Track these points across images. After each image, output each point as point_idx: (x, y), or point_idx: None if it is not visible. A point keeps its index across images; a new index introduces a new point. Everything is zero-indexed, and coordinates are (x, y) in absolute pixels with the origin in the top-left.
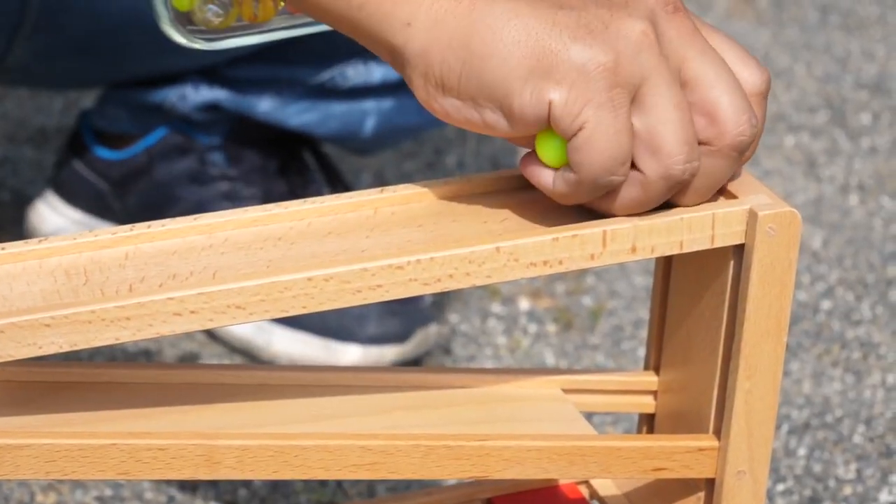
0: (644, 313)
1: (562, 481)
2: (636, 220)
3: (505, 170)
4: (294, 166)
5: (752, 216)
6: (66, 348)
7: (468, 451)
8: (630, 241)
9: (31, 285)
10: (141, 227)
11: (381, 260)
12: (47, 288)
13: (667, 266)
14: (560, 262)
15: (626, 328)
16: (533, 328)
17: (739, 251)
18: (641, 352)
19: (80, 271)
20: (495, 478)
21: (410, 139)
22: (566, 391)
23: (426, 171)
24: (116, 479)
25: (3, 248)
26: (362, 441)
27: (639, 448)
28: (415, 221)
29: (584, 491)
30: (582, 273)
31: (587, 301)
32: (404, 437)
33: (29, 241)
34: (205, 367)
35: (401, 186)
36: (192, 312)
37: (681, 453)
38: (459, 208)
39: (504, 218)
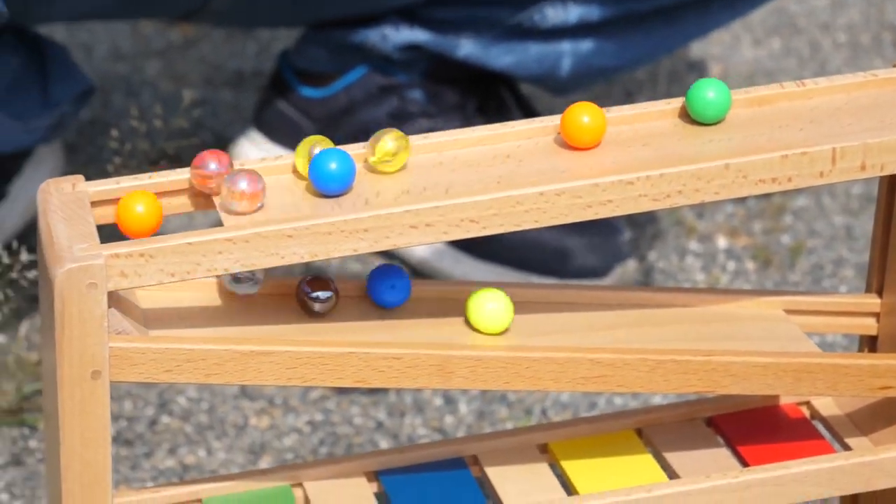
0: (844, 253)
1: (783, 401)
2: (866, 138)
3: (733, 90)
4: (493, 105)
5: None
6: (306, 258)
7: (695, 366)
8: (860, 159)
9: (271, 199)
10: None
11: (612, 175)
12: (286, 202)
13: (891, 186)
14: (789, 180)
15: (827, 266)
16: (731, 266)
17: None
18: (843, 291)
19: None
20: (720, 393)
21: (606, 80)
22: (787, 312)
23: None
24: (353, 387)
25: (242, 165)
26: (591, 354)
27: (866, 366)
28: (640, 140)
29: (805, 411)
30: (779, 212)
31: (785, 239)
32: (632, 352)
33: (265, 158)
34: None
35: (626, 107)
36: (428, 225)
37: None
38: (684, 129)
39: (729, 138)
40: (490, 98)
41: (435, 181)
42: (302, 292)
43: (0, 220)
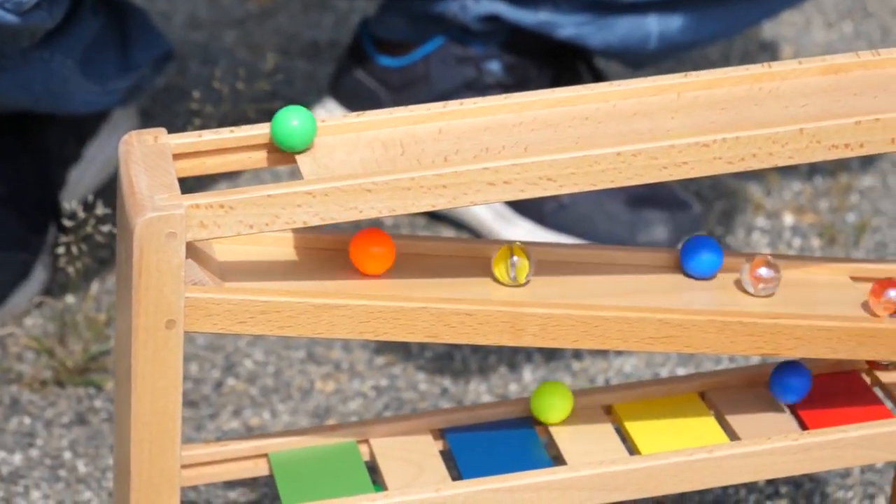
0: None
1: (844, 368)
2: None
3: (805, 58)
4: (568, 76)
5: None
6: (384, 213)
7: (761, 329)
8: None
9: (351, 155)
10: (454, 105)
11: (689, 137)
12: (366, 157)
13: None
14: (861, 146)
15: (891, 245)
16: (797, 242)
17: None
18: None
19: (396, 143)
20: (785, 356)
21: (680, 56)
22: (854, 279)
23: None
24: (424, 341)
25: (322, 121)
26: (660, 315)
27: None
28: (717, 105)
29: (867, 378)
30: (846, 191)
31: (851, 217)
32: (700, 313)
33: (347, 115)
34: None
35: (704, 72)
36: (506, 183)
37: None
38: (761, 94)
39: (804, 104)
40: (565, 70)
41: (514, 140)
42: None
43: (75, 181)
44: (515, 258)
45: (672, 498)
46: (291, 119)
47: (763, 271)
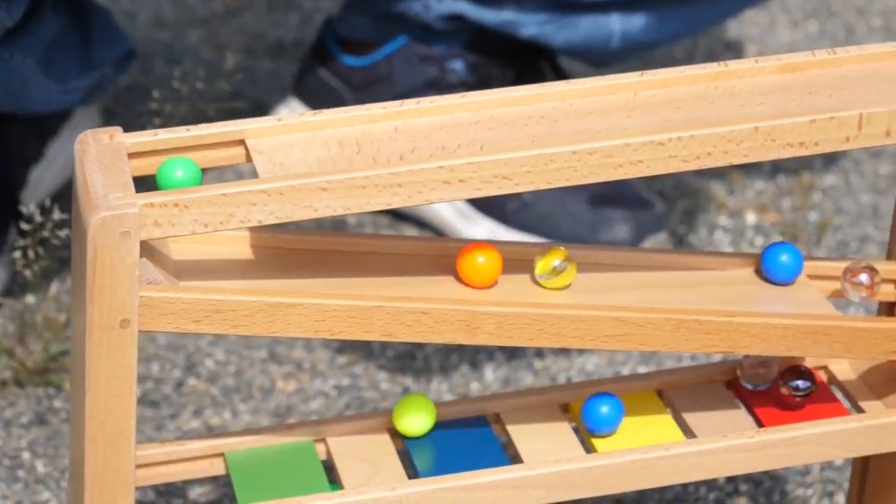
0: (870, 230)
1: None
2: (893, 105)
3: (761, 57)
4: (531, 75)
5: None
6: (339, 212)
7: (717, 327)
8: (885, 125)
9: (307, 153)
10: (410, 104)
11: (644, 136)
12: (322, 156)
13: None
14: (816, 144)
15: (852, 244)
16: (759, 241)
17: None
18: None
19: (352, 142)
20: (741, 353)
21: (643, 55)
22: (809, 277)
23: None
24: (380, 340)
25: (279, 120)
26: (616, 313)
27: (883, 330)
28: (673, 104)
29: (823, 375)
30: (808, 190)
31: (813, 216)
32: (656, 311)
33: (304, 113)
34: (462, 242)
35: (661, 71)
36: (461, 181)
37: None
38: (717, 92)
39: (760, 102)
40: (528, 69)
41: (470, 138)
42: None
43: (36, 180)
44: (557, 262)
45: (632, 496)
46: (176, 170)
47: (863, 278)
